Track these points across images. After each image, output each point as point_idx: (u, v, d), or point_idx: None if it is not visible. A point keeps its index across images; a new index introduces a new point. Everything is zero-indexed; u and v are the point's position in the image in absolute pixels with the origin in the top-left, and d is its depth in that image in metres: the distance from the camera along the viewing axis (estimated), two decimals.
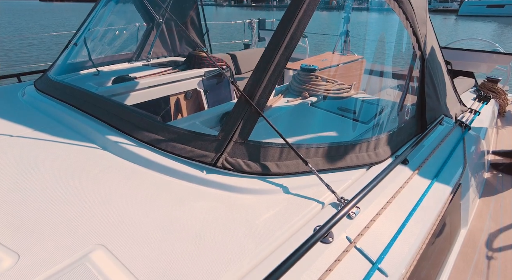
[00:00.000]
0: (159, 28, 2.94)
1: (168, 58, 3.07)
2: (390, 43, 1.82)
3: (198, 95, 2.49)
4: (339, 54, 3.63)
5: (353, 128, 1.55)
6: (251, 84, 1.13)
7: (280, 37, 1.15)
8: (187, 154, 1.09)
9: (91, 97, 1.50)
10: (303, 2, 1.18)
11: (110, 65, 2.60)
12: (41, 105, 1.58)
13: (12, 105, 1.66)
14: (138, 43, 2.89)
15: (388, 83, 2.34)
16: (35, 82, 1.89)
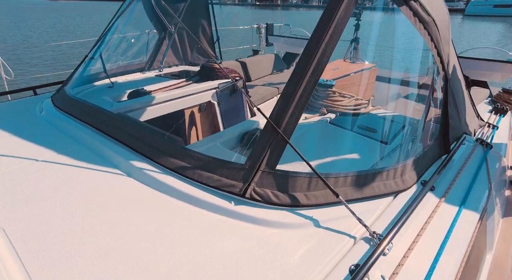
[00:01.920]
0: (171, 37, 2.94)
1: (180, 67, 3.07)
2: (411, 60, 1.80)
3: (212, 107, 2.48)
4: (350, 61, 3.61)
5: (375, 149, 1.53)
6: (278, 110, 1.12)
7: (306, 62, 1.14)
8: (215, 183, 1.08)
9: (111, 117, 1.50)
10: (329, 26, 1.17)
11: (123, 75, 2.60)
12: (61, 124, 1.58)
13: (31, 122, 1.66)
14: (150, 52, 2.89)
15: (407, 98, 2.31)
16: (53, 98, 1.89)
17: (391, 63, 4.14)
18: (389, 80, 3.54)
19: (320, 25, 1.18)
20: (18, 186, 1.11)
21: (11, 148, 1.36)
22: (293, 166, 1.28)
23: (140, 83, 2.41)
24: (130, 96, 2.10)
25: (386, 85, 3.47)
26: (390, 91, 3.45)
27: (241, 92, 2.67)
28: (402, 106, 2.11)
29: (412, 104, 2.03)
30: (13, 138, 1.46)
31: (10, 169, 1.20)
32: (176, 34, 2.99)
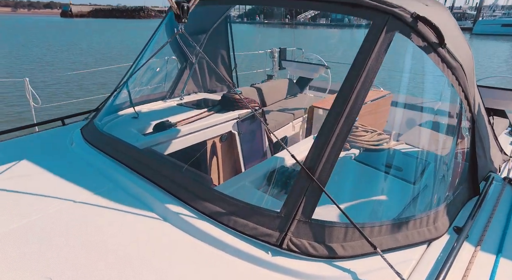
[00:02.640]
0: (192, 67, 3.02)
1: (199, 94, 3.14)
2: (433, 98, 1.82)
3: (233, 137, 2.52)
4: None
5: (403, 190, 1.53)
6: (312, 157, 1.15)
7: (339, 109, 1.17)
8: (251, 232, 1.09)
9: (139, 154, 1.55)
10: (360, 75, 1.20)
11: (147, 103, 2.67)
12: (92, 160, 1.62)
13: (63, 155, 1.71)
14: (172, 81, 2.97)
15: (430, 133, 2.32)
16: (82, 131, 1.95)
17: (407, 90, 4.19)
18: (404, 106, 3.56)
19: (351, 73, 1.22)
20: (61, 230, 1.14)
21: (48, 186, 1.40)
22: (324, 209, 1.29)
23: (163, 113, 2.48)
24: (156, 128, 2.15)
25: (401, 111, 3.48)
26: (405, 118, 3.46)
27: (260, 121, 2.71)
28: (425, 141, 2.12)
29: (435, 139, 2.04)
30: (48, 174, 1.51)
31: (52, 210, 1.23)
32: (197, 63, 3.08)
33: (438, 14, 1.51)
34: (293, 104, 4.00)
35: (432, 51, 1.30)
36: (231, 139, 2.54)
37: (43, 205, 1.26)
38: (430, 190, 1.51)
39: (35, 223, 1.17)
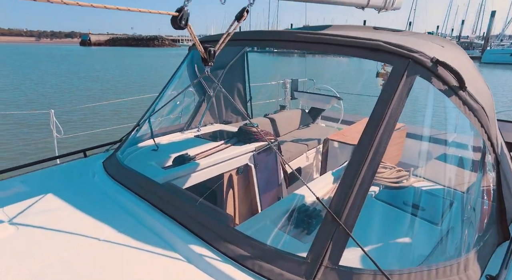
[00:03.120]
0: (209, 100, 3.11)
1: (215, 125, 3.20)
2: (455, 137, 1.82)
3: (249, 169, 2.54)
4: None
5: (427, 232, 1.50)
6: (337, 201, 1.14)
7: (363, 154, 1.18)
8: (276, 278, 1.07)
9: (160, 189, 1.57)
10: (383, 118, 1.22)
11: (165, 135, 2.73)
12: (115, 195, 1.65)
13: (85, 188, 1.74)
14: (190, 113, 3.05)
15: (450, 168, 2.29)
16: (105, 164, 1.99)
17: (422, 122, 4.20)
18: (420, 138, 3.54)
19: (374, 118, 1.24)
20: (87, 269, 1.14)
21: (71, 221, 1.42)
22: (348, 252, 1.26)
23: (182, 145, 2.52)
24: (175, 162, 2.19)
25: (416, 144, 3.46)
26: (421, 151, 3.43)
27: (276, 154, 2.73)
28: (446, 178, 2.09)
29: (456, 176, 2.01)
30: (71, 209, 1.53)
31: (77, 248, 1.24)
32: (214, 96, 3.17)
33: (455, 56, 1.55)
34: (306, 134, 4.03)
35: (453, 94, 1.32)
36: (247, 172, 2.55)
37: (67, 243, 1.27)
38: (457, 233, 1.47)
39: (59, 261, 1.17)
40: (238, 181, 2.50)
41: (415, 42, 1.40)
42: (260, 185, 2.63)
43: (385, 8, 2.59)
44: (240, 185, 2.53)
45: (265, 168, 2.67)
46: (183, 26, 1.27)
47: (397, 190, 1.89)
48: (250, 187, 2.59)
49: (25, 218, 1.43)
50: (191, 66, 2.56)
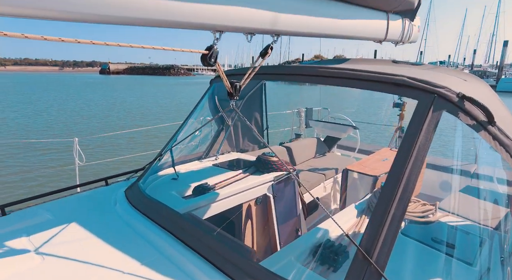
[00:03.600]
0: (228, 129, 3.16)
1: (232, 154, 3.22)
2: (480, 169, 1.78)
3: (268, 200, 2.51)
4: (396, 150, 3.62)
5: (461, 273, 1.42)
6: (368, 238, 1.11)
7: (392, 190, 1.16)
8: None
9: (181, 220, 1.58)
10: (410, 155, 1.21)
11: (184, 164, 2.76)
12: (137, 225, 1.65)
13: (107, 217, 1.75)
14: (208, 142, 3.10)
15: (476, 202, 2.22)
16: (127, 193, 2.01)
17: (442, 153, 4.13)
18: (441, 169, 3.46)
19: (401, 154, 1.23)
20: None
21: (94, 252, 1.42)
22: None
23: (201, 174, 2.54)
24: (195, 191, 2.19)
25: (438, 175, 3.38)
26: (442, 182, 3.34)
27: (294, 184, 2.71)
28: (473, 212, 2.01)
29: (484, 210, 1.93)
30: (94, 239, 1.53)
31: None
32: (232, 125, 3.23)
33: (481, 90, 1.55)
34: (322, 163, 4.00)
35: (482, 129, 1.31)
36: (266, 202, 2.53)
37: (93, 274, 1.26)
38: (495, 275, 1.39)
39: None
40: (257, 211, 2.47)
41: (438, 77, 1.42)
42: (278, 215, 2.59)
43: (402, 41, 2.65)
44: (259, 216, 2.49)
45: (284, 199, 2.64)
46: (212, 64, 1.33)
47: (424, 225, 1.82)
48: (269, 217, 2.55)
49: (51, 248, 1.44)
50: (212, 98, 2.64)
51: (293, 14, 1.48)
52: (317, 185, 3.41)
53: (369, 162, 3.20)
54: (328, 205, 3.65)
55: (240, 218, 2.37)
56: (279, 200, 2.58)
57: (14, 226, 1.64)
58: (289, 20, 1.48)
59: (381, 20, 2.16)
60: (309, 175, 3.48)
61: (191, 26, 1.19)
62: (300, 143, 4.21)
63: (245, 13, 1.29)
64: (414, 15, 2.53)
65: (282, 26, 1.46)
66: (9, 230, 1.61)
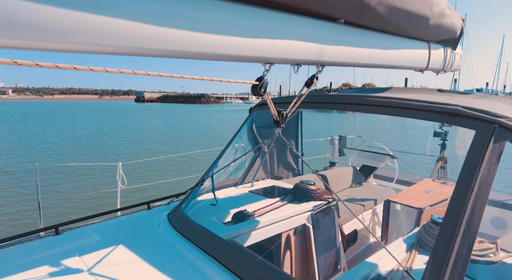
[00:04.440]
0: (264, 155, 3.18)
1: (267, 181, 3.21)
2: None
3: (307, 230, 2.44)
4: (440, 182, 3.43)
5: None
6: (430, 269, 1.04)
7: (454, 225, 1.10)
8: None
9: (228, 248, 1.57)
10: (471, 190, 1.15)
11: (221, 189, 2.79)
12: (180, 249, 1.66)
13: (151, 241, 1.79)
14: (244, 168, 3.12)
15: None
16: (169, 217, 2.05)
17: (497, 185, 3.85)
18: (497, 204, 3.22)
19: (459, 190, 1.17)
20: None
21: (143, 275, 1.43)
22: None
23: (238, 201, 2.54)
24: (235, 218, 2.19)
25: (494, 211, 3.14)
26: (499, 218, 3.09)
27: (334, 214, 2.63)
28: None
29: None
30: (140, 263, 1.56)
31: None
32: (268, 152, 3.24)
33: None
34: (360, 193, 3.87)
35: None
36: (305, 232, 2.46)
37: None
38: None
39: None
40: (296, 242, 2.40)
41: (496, 106, 1.37)
42: (317, 247, 2.50)
43: (444, 70, 2.61)
44: (297, 246, 2.42)
45: (323, 229, 2.56)
46: (262, 94, 1.38)
47: (486, 265, 1.67)
48: (308, 248, 2.47)
49: (102, 269, 1.48)
50: (251, 126, 2.69)
51: (338, 46, 1.53)
52: None
53: (411, 194, 3.05)
54: (367, 238, 3.48)
55: (279, 248, 2.31)
56: (319, 230, 2.50)
57: (66, 246, 1.71)
58: (334, 52, 1.52)
59: (423, 49, 2.16)
60: (347, 205, 3.37)
61: (245, 59, 1.25)
62: (336, 172, 4.12)
63: (294, 46, 1.34)
64: (456, 44, 2.50)
65: (327, 57, 1.51)
66: (62, 249, 1.68)
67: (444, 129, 3.84)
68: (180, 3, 0.96)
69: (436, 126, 3.78)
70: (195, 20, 0.99)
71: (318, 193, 2.59)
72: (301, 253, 2.46)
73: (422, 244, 1.85)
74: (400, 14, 1.59)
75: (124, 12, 0.83)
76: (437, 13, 1.83)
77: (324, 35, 1.45)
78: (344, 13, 1.45)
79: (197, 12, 1.00)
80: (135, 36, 0.87)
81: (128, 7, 0.84)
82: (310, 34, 1.38)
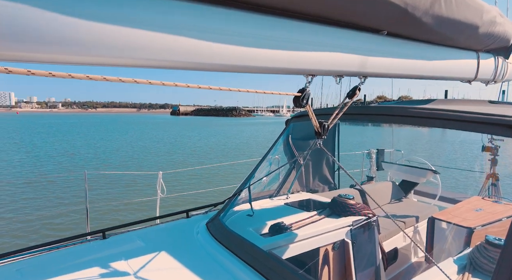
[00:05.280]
0: (299, 168, 3.16)
1: (302, 194, 3.17)
2: None
3: (346, 246, 2.36)
4: (491, 200, 3.18)
5: None
6: None
7: None
8: None
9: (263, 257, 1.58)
10: None
11: (256, 201, 2.79)
12: (220, 258, 1.68)
13: (191, 247, 1.84)
14: (279, 180, 3.11)
15: None
16: (208, 225, 2.09)
17: None
18: None
19: None
20: None
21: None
22: None
23: (274, 213, 2.53)
24: (271, 230, 2.18)
25: None
26: None
27: (374, 231, 2.52)
28: None
29: None
30: (182, 268, 1.59)
31: None
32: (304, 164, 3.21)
33: None
34: (400, 210, 3.68)
35: None
36: (344, 248, 2.38)
37: None
38: None
39: None
40: (334, 257, 2.33)
41: None
42: (357, 264, 2.40)
43: (494, 80, 2.46)
44: (336, 262, 2.34)
45: (363, 246, 2.46)
46: (304, 105, 1.39)
47: None
48: (347, 265, 2.38)
49: (147, 273, 1.53)
50: (287, 138, 2.69)
51: (381, 57, 1.50)
52: (396, 234, 3.11)
53: (458, 212, 2.85)
54: (408, 257, 3.28)
55: (317, 263, 2.25)
56: (358, 247, 2.41)
57: (113, 250, 1.80)
58: (377, 63, 1.50)
59: (471, 59, 2.06)
60: (387, 222, 3.21)
61: (288, 72, 1.27)
62: (374, 187, 3.97)
63: (336, 57, 1.34)
64: (509, 52, 2.36)
65: (370, 68, 1.49)
66: (109, 252, 1.76)
67: (495, 143, 3.58)
68: (229, 19, 1.00)
69: (485, 140, 3.53)
70: (243, 35, 1.03)
71: (357, 208, 2.51)
72: (340, 269, 2.37)
73: (476, 266, 1.71)
74: (447, 23, 1.54)
75: (179, 28, 0.88)
76: (488, 21, 1.75)
77: (367, 47, 1.44)
78: (388, 24, 1.43)
79: (244, 27, 1.04)
80: (191, 51, 0.92)
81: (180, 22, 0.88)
82: (353, 46, 1.38)
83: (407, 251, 3.31)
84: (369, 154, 5.26)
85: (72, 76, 0.78)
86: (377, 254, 2.55)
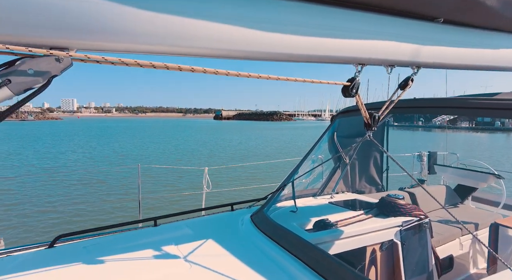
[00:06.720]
0: (345, 167, 3.08)
1: (348, 194, 3.08)
2: None
3: (394, 247, 2.25)
4: None
5: None
6: None
7: None
8: None
9: (316, 252, 1.55)
10: None
11: (300, 198, 2.77)
12: (264, 248, 1.71)
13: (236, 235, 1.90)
14: (324, 179, 3.06)
15: None
16: (253, 218, 2.13)
17: None
18: None
19: None
20: None
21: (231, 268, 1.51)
22: None
23: (318, 210, 2.49)
24: (316, 226, 2.15)
25: None
26: None
27: (426, 234, 2.37)
28: None
29: None
30: (228, 255, 1.64)
31: None
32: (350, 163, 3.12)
33: None
34: (455, 216, 3.40)
35: None
36: (392, 249, 2.26)
37: None
38: None
39: None
40: (382, 258, 2.23)
41: None
42: (406, 267, 2.27)
43: None
44: (383, 263, 2.23)
45: (413, 248, 2.32)
46: (353, 95, 1.36)
47: None
48: (395, 267, 2.26)
49: (196, 258, 1.61)
50: (332, 135, 2.65)
51: (436, 46, 1.42)
52: (452, 240, 2.89)
53: None
54: (466, 267, 3.02)
55: (364, 262, 2.17)
56: (408, 249, 2.28)
57: (164, 236, 1.91)
58: (432, 52, 1.42)
59: None
60: (441, 227, 3.00)
61: (337, 60, 1.26)
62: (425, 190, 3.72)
63: (388, 46, 1.30)
64: None
65: (424, 58, 1.42)
66: (160, 238, 1.87)
67: None
68: (284, 9, 1.04)
69: None
70: (295, 24, 1.06)
71: (407, 208, 2.38)
72: (387, 271, 2.26)
73: None
74: None
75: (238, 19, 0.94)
76: None
77: (421, 35, 1.37)
78: (445, 11, 1.36)
79: (295, 16, 1.06)
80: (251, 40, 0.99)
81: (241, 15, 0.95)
82: (405, 34, 1.33)
83: (464, 261, 3.05)
84: (419, 157, 4.95)
85: (154, 66, 0.90)
86: (430, 259, 2.39)
